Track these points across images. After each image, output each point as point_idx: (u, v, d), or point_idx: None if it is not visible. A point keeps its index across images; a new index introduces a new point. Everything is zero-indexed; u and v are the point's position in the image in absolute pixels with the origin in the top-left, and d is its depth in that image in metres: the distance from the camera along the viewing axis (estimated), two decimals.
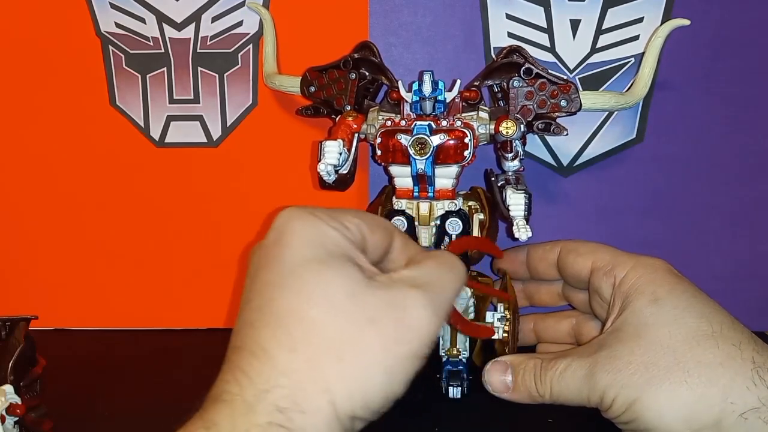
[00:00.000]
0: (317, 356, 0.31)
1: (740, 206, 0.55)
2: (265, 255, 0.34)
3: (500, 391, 0.41)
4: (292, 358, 0.31)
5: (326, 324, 0.32)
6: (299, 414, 0.30)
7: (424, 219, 0.45)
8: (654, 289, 0.39)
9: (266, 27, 0.52)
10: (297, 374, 0.31)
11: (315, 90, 0.49)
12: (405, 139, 0.43)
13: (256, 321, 0.32)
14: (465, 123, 0.44)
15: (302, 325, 0.31)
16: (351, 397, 0.31)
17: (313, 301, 0.32)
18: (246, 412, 0.30)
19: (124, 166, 0.55)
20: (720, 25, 0.51)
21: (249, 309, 0.33)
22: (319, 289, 0.32)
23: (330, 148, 0.42)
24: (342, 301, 0.32)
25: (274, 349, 0.31)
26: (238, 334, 0.33)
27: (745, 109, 0.53)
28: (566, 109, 0.45)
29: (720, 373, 0.35)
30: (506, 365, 0.41)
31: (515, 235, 0.42)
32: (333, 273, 0.33)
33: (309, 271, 0.33)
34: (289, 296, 0.32)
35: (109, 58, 0.54)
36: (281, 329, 0.31)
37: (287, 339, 0.31)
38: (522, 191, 0.43)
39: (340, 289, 0.32)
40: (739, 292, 0.54)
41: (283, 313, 0.32)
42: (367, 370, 0.31)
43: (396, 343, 0.32)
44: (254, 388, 0.30)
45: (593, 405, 0.37)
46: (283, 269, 0.33)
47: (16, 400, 0.38)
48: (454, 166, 0.44)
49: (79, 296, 0.57)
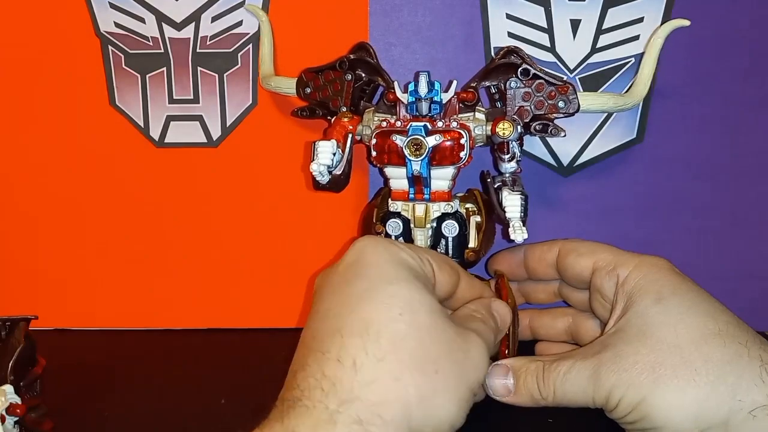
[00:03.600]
0: (402, 369, 0.32)
1: (740, 206, 0.55)
2: (347, 272, 0.36)
3: (502, 394, 0.41)
4: (379, 369, 0.32)
5: (414, 339, 0.33)
6: (377, 427, 0.30)
7: (419, 221, 0.45)
8: (658, 288, 0.39)
9: (263, 28, 0.52)
10: (381, 387, 0.31)
11: (311, 91, 0.49)
12: (400, 140, 0.43)
13: (343, 329, 0.33)
14: (461, 124, 0.44)
15: (388, 334, 0.32)
16: (425, 416, 0.32)
17: (402, 315, 0.33)
18: (326, 422, 0.30)
19: (123, 166, 0.55)
20: (720, 25, 0.51)
21: (332, 317, 0.34)
22: (405, 304, 0.34)
23: (323, 149, 0.42)
24: (427, 320, 0.34)
25: (361, 358, 0.32)
26: (320, 339, 0.33)
27: (744, 110, 0.53)
28: (564, 110, 0.45)
29: (728, 371, 0.34)
30: (507, 368, 0.41)
31: (511, 236, 0.41)
32: (417, 292, 0.34)
33: (395, 287, 0.34)
34: (378, 308, 0.33)
35: (109, 58, 0.54)
36: (370, 339, 0.32)
37: (375, 349, 0.32)
38: (518, 192, 0.42)
39: (426, 308, 0.34)
40: (739, 292, 0.54)
41: (369, 321, 0.33)
42: (444, 394, 0.32)
43: (466, 376, 0.34)
44: (337, 397, 0.31)
45: (598, 405, 0.37)
46: (368, 284, 0.34)
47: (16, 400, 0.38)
48: (450, 168, 0.44)
49: (79, 296, 0.57)
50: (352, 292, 0.34)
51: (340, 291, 0.35)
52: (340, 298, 0.35)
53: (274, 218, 0.56)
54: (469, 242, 0.46)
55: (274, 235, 0.56)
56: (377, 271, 0.35)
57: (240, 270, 0.57)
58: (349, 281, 0.35)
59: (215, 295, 0.57)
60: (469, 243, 0.46)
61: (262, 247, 0.56)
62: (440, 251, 0.45)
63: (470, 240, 0.46)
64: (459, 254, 0.45)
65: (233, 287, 0.57)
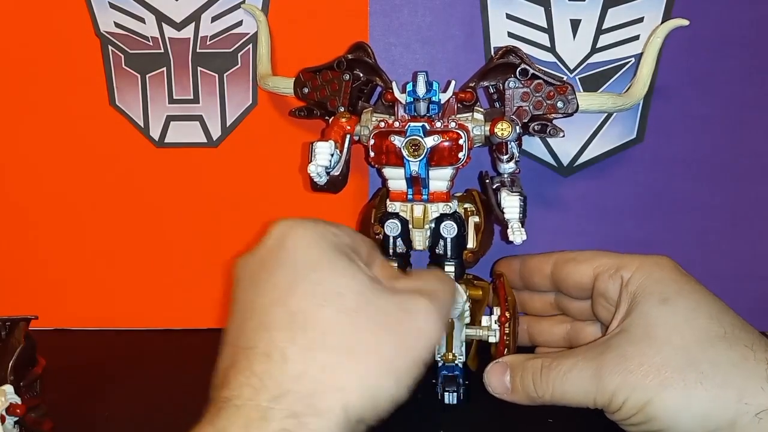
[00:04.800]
0: (333, 358, 0.31)
1: (740, 206, 0.55)
2: (268, 260, 0.34)
3: (500, 392, 0.41)
4: (309, 360, 0.31)
5: (342, 325, 0.32)
6: (313, 417, 0.30)
7: (418, 222, 0.45)
8: (662, 288, 0.38)
9: (260, 28, 0.52)
10: (312, 377, 0.30)
11: (308, 91, 0.49)
12: (398, 140, 0.42)
13: (270, 323, 0.32)
14: (459, 124, 0.43)
15: (318, 326, 0.31)
16: (362, 399, 0.31)
17: (328, 302, 0.32)
18: (259, 419, 0.29)
19: (123, 166, 0.55)
20: (720, 25, 0.51)
21: (257, 311, 0.33)
22: (331, 289, 0.32)
23: (321, 150, 0.42)
24: (355, 302, 0.32)
25: (290, 350, 0.31)
26: (246, 335, 0.32)
27: (744, 109, 0.53)
28: (563, 110, 0.45)
29: (734, 374, 0.35)
30: (506, 366, 0.41)
31: (510, 238, 0.41)
32: (343, 273, 0.33)
33: (319, 272, 0.33)
34: (303, 297, 0.32)
35: (109, 58, 0.54)
36: (298, 330, 0.31)
37: (304, 339, 0.31)
38: (517, 193, 0.42)
39: (353, 290, 0.33)
40: (739, 292, 0.54)
41: (297, 313, 0.32)
42: (379, 373, 0.31)
43: (406, 347, 0.32)
44: (268, 393, 0.30)
45: (599, 406, 0.37)
46: (292, 273, 0.33)
47: (16, 400, 0.38)
48: (448, 168, 0.43)
49: (79, 296, 0.57)
50: (276, 283, 0.33)
51: (263, 282, 0.33)
52: (263, 289, 0.33)
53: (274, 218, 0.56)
54: (467, 243, 0.46)
55: None
56: (300, 257, 0.33)
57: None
58: (271, 271, 0.33)
59: (215, 294, 0.57)
60: (468, 244, 0.46)
61: None
62: (439, 252, 0.45)
63: (469, 240, 0.46)
64: (457, 255, 0.45)
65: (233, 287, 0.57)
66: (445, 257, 0.45)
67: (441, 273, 0.41)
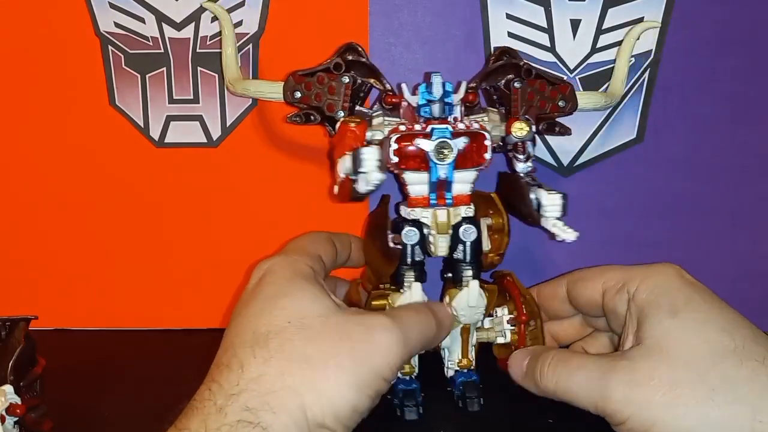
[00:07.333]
0: (290, 365, 0.33)
1: (741, 206, 0.55)
2: (248, 298, 0.38)
3: (516, 376, 0.42)
4: (265, 367, 0.33)
5: (300, 338, 0.34)
6: (268, 413, 0.31)
7: (443, 227, 0.43)
8: (671, 300, 0.38)
9: (225, 28, 0.49)
10: (268, 379, 0.33)
11: (301, 95, 0.46)
12: (426, 143, 0.40)
13: (237, 343, 0.35)
14: (481, 125, 0.42)
15: (277, 339, 0.34)
16: (321, 404, 0.32)
17: (291, 323, 0.35)
18: (216, 414, 0.32)
19: (123, 167, 0.55)
20: (720, 25, 0.51)
21: (230, 335, 0.36)
22: (295, 312, 0.35)
23: (368, 155, 0.40)
24: (318, 322, 0.35)
25: (249, 360, 0.34)
26: (219, 356, 0.36)
27: (745, 109, 0.53)
28: (564, 109, 0.45)
29: (747, 390, 0.34)
30: (528, 352, 0.42)
31: (560, 237, 0.40)
32: (309, 299, 0.36)
33: (286, 299, 0.36)
34: (268, 319, 0.35)
35: (109, 58, 0.54)
36: (259, 346, 0.34)
37: (263, 351, 0.34)
38: (556, 191, 0.41)
39: (315, 312, 0.36)
40: (740, 291, 0.54)
41: (260, 332, 0.35)
42: (338, 380, 0.33)
43: (364, 359, 0.34)
44: (224, 393, 0.32)
45: (599, 412, 0.37)
46: (262, 301, 0.37)
47: (16, 400, 0.38)
48: (473, 171, 0.42)
49: (79, 296, 0.57)
50: (249, 313, 0.36)
51: (241, 316, 0.37)
52: (239, 321, 0.36)
53: (274, 218, 0.56)
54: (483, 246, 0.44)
55: (274, 235, 0.56)
56: (271, 290, 0.37)
57: (240, 270, 0.57)
58: (247, 303, 0.37)
59: (215, 294, 0.57)
60: (483, 246, 0.44)
61: (262, 247, 0.56)
62: (456, 257, 0.43)
63: (484, 243, 0.44)
64: (477, 258, 0.43)
65: (233, 287, 0.57)
66: (463, 261, 0.43)
67: (421, 306, 0.40)
